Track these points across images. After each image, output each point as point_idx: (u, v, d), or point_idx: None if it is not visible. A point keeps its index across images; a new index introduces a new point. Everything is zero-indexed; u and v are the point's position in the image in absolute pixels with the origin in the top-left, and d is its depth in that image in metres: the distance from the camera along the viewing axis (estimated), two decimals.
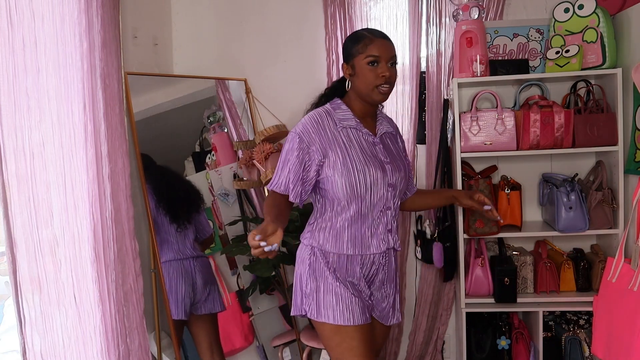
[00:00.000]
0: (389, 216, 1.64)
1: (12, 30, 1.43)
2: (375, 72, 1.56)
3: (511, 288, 2.28)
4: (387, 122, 1.76)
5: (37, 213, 1.52)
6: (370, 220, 1.62)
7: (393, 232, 1.67)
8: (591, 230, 2.24)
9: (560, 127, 2.20)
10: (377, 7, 2.60)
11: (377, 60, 1.57)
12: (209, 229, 2.48)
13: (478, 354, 2.42)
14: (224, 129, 2.64)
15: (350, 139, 1.60)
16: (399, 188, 1.67)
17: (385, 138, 1.71)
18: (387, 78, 1.57)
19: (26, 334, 1.49)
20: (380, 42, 1.58)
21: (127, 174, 1.91)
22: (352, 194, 1.57)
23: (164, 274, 2.24)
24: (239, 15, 2.73)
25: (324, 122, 1.61)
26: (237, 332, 2.52)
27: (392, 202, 1.64)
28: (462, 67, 2.32)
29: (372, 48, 1.57)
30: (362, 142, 1.62)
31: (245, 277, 2.60)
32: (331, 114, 1.62)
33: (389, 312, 1.73)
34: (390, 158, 1.66)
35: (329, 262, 1.61)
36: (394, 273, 1.74)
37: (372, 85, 1.57)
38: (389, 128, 1.74)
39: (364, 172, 1.57)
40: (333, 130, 1.60)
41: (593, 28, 2.20)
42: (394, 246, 1.68)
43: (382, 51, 1.57)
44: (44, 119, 1.55)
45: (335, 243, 1.61)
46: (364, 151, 1.60)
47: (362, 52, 1.57)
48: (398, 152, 1.74)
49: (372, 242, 1.63)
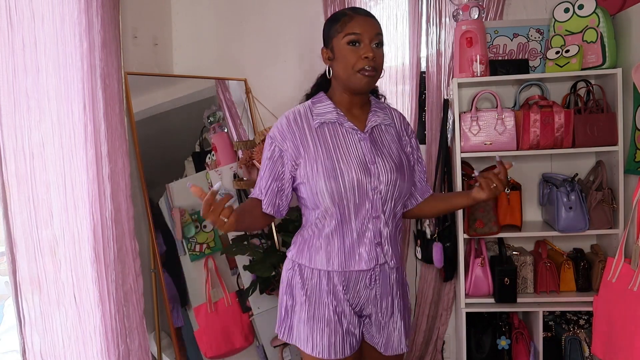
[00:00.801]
0: (378, 226, 1.38)
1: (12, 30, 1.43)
2: (356, 53, 1.33)
3: (511, 288, 2.28)
4: (385, 113, 1.48)
5: (37, 213, 1.52)
6: (354, 231, 1.37)
7: (386, 246, 1.41)
8: (591, 230, 2.24)
9: (560, 127, 2.20)
10: (377, 7, 2.60)
11: (358, 40, 1.33)
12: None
13: (478, 354, 2.42)
14: (224, 129, 2.64)
15: (327, 137, 1.38)
16: (395, 192, 1.40)
17: (376, 132, 1.44)
18: (371, 60, 1.33)
19: (26, 334, 1.49)
20: (361, 19, 1.35)
21: (127, 174, 1.91)
22: (327, 201, 1.35)
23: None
24: (239, 15, 2.73)
25: (298, 122, 1.41)
26: (237, 332, 2.52)
27: (381, 210, 1.38)
28: (462, 67, 2.31)
29: (352, 25, 1.34)
30: (341, 140, 1.38)
31: (245, 277, 2.59)
32: (310, 110, 1.42)
33: (388, 341, 1.47)
34: (380, 156, 1.39)
35: (306, 280, 1.41)
36: (395, 295, 1.47)
37: (353, 68, 1.34)
38: (385, 120, 1.46)
39: (340, 175, 1.33)
40: (309, 129, 1.39)
41: (593, 28, 2.20)
42: (388, 262, 1.41)
43: (364, 29, 1.33)
44: (44, 119, 1.55)
45: (315, 258, 1.40)
46: (342, 150, 1.37)
47: (341, 30, 1.35)
48: (396, 149, 1.45)
49: (356, 257, 1.38)
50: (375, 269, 1.41)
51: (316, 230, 1.42)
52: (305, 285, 1.42)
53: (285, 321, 1.47)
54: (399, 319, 1.47)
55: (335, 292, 1.40)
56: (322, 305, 1.40)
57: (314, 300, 1.41)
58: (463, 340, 2.38)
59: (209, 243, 2.49)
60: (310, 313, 1.40)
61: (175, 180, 2.43)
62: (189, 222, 2.43)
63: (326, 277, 1.40)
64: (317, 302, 1.40)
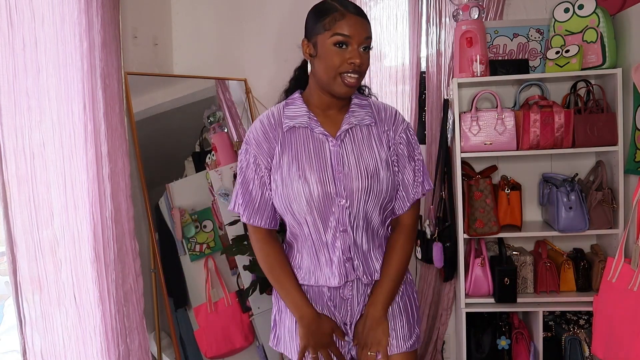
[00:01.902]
0: (347, 241, 1.28)
1: (12, 30, 1.43)
2: (342, 56, 1.22)
3: (511, 288, 2.28)
4: (365, 111, 1.34)
5: (37, 213, 1.52)
6: (323, 246, 1.29)
7: (356, 261, 1.30)
8: (591, 230, 2.24)
9: (560, 127, 2.20)
10: (377, 7, 2.60)
11: (346, 42, 1.21)
12: None
13: (478, 354, 2.42)
14: (224, 129, 2.64)
15: (294, 143, 1.29)
16: (367, 202, 1.27)
17: (351, 134, 1.31)
18: (357, 66, 1.22)
19: (26, 334, 1.49)
20: (353, 20, 1.22)
21: (127, 174, 1.91)
22: (289, 216, 1.28)
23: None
24: (239, 15, 2.73)
25: (270, 125, 1.32)
26: (237, 332, 2.52)
27: (349, 223, 1.27)
28: (462, 67, 2.31)
29: (342, 25, 1.21)
30: (309, 147, 1.28)
31: (245, 277, 2.59)
32: (282, 112, 1.33)
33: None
34: (348, 165, 1.27)
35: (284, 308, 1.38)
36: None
37: (336, 72, 1.23)
38: (363, 119, 1.32)
39: (302, 186, 1.24)
40: (280, 134, 1.30)
41: (593, 28, 2.20)
42: (360, 278, 1.31)
43: (355, 31, 1.21)
44: (44, 119, 1.55)
45: (296, 271, 1.34)
46: (307, 159, 1.27)
47: (329, 28, 1.22)
48: (374, 152, 1.30)
49: (325, 273, 1.30)
50: (349, 284, 1.32)
51: (292, 242, 1.37)
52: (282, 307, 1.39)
53: (274, 329, 1.44)
54: (401, 328, 1.38)
55: (323, 305, 1.35)
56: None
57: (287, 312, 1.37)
58: (463, 340, 2.38)
59: (209, 243, 2.49)
60: (291, 326, 1.37)
61: (175, 180, 2.43)
62: (189, 222, 2.43)
63: (311, 291, 1.35)
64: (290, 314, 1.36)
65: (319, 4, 1.29)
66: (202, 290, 2.43)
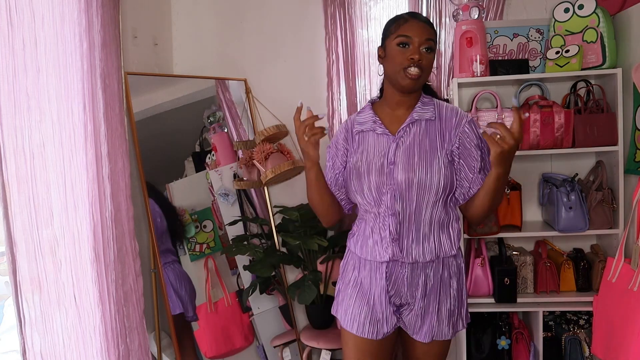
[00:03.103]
0: (394, 223, 1.48)
1: (12, 30, 1.43)
2: (404, 54, 1.44)
3: (511, 288, 2.28)
4: (428, 109, 1.52)
5: (37, 213, 1.52)
6: (377, 223, 1.52)
7: (406, 243, 1.49)
8: (591, 230, 2.24)
9: (560, 127, 2.20)
10: (377, 7, 2.60)
11: (408, 42, 1.44)
12: None
13: (478, 354, 2.42)
14: (224, 129, 2.64)
15: (362, 143, 1.56)
16: (414, 189, 1.46)
17: (411, 130, 1.50)
18: (416, 61, 1.42)
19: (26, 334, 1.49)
20: (415, 23, 1.45)
21: (127, 174, 1.91)
22: (361, 201, 1.54)
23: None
24: (239, 15, 2.73)
25: (348, 129, 1.61)
26: (237, 332, 2.52)
27: (399, 208, 1.47)
28: (462, 67, 2.32)
29: (405, 28, 1.44)
30: (372, 145, 1.53)
31: (245, 277, 2.59)
32: (354, 119, 1.60)
33: (424, 329, 1.55)
34: (404, 158, 1.47)
35: (353, 266, 1.60)
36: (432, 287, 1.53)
37: (400, 68, 1.44)
38: (424, 115, 1.51)
39: (364, 178, 1.50)
40: (352, 136, 1.59)
41: (593, 28, 2.20)
42: (404, 258, 1.49)
43: (416, 32, 1.43)
44: (44, 119, 1.55)
45: (357, 246, 1.59)
46: (370, 154, 1.52)
47: (394, 32, 1.46)
48: (431, 146, 1.48)
49: (376, 249, 1.52)
50: (398, 262, 1.51)
51: (360, 223, 1.61)
52: (353, 271, 1.60)
53: (336, 298, 1.66)
54: (435, 308, 1.54)
55: (378, 280, 1.54)
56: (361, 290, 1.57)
57: (355, 285, 1.59)
58: (463, 340, 2.38)
59: (209, 243, 2.49)
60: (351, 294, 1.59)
61: (175, 180, 2.43)
62: (189, 222, 2.43)
63: (369, 266, 1.56)
64: (360, 287, 1.57)
65: (393, 17, 1.54)
66: (202, 290, 2.43)
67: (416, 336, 1.57)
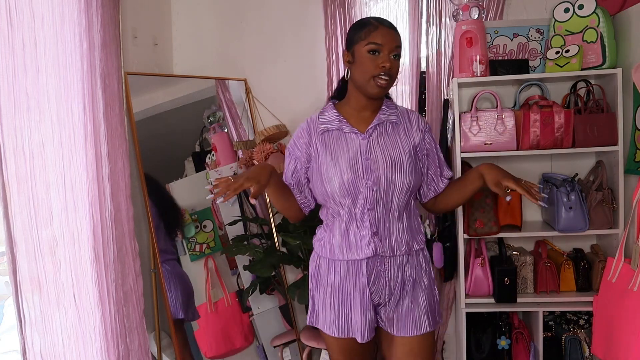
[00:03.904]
0: (374, 217, 1.51)
1: (12, 30, 1.43)
2: (375, 62, 1.46)
3: (511, 288, 2.28)
4: (392, 112, 1.59)
5: (37, 213, 1.52)
6: (354, 224, 1.53)
7: (385, 237, 1.53)
8: (591, 230, 2.24)
9: (560, 127, 2.20)
10: (377, 7, 2.60)
11: (378, 49, 1.46)
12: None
13: (478, 354, 2.42)
14: (224, 129, 2.64)
15: (329, 142, 1.55)
16: (390, 185, 1.51)
17: (379, 130, 1.56)
18: (387, 69, 1.46)
19: (26, 334, 1.49)
20: (385, 31, 1.47)
21: (127, 174, 1.91)
22: (331, 199, 1.52)
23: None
24: (239, 15, 2.73)
25: (311, 130, 1.59)
26: (237, 332, 2.52)
27: (375, 203, 1.50)
28: (462, 67, 2.31)
29: (375, 35, 1.46)
30: (342, 143, 1.54)
31: (245, 277, 2.59)
32: (317, 119, 1.59)
33: (403, 324, 1.57)
34: (375, 154, 1.52)
35: (327, 271, 1.58)
36: (407, 280, 1.57)
37: (370, 75, 1.47)
38: (391, 117, 1.58)
39: (336, 176, 1.50)
40: (316, 137, 1.57)
41: (593, 28, 2.20)
42: (386, 251, 1.52)
43: (386, 40, 1.46)
44: (44, 119, 1.55)
45: (332, 249, 1.56)
46: (339, 153, 1.52)
47: (364, 38, 1.47)
48: (400, 145, 1.55)
49: (356, 247, 1.53)
50: (379, 258, 1.52)
51: (328, 225, 1.60)
52: (321, 275, 1.60)
53: (313, 307, 1.64)
54: (412, 302, 1.57)
55: (352, 279, 1.54)
56: (335, 293, 1.56)
57: (328, 287, 1.57)
58: (463, 340, 2.38)
59: (209, 243, 2.49)
60: (326, 300, 1.58)
61: (175, 180, 2.43)
62: (189, 222, 2.43)
63: (333, 265, 1.56)
64: (333, 289, 1.57)
65: (358, 20, 1.58)
66: (202, 290, 2.43)
67: (399, 331, 1.57)
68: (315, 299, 1.62)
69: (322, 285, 1.59)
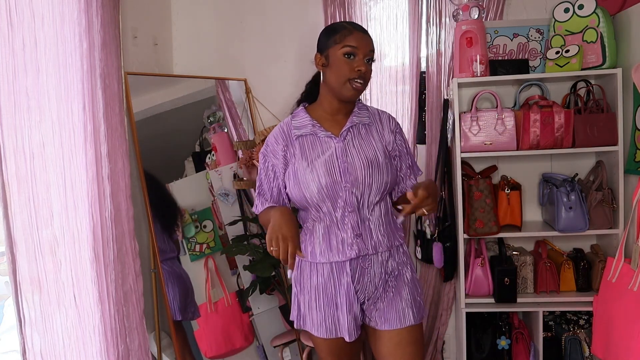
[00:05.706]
0: (355, 219, 1.50)
1: (12, 30, 1.43)
2: (350, 65, 1.46)
3: (511, 288, 2.28)
4: (365, 114, 1.60)
5: (37, 213, 1.52)
6: (335, 226, 1.52)
7: (367, 236, 1.53)
8: (591, 230, 2.24)
9: (560, 127, 2.20)
10: (377, 7, 2.60)
11: (354, 53, 1.46)
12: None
13: (478, 354, 2.42)
14: (224, 129, 2.64)
15: (304, 147, 1.53)
16: (369, 185, 1.51)
17: (353, 132, 1.55)
18: (362, 73, 1.46)
19: (26, 334, 1.49)
20: (359, 35, 1.48)
21: (127, 174, 1.91)
22: (310, 204, 1.51)
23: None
24: (239, 15, 2.73)
25: (284, 136, 1.57)
26: (237, 332, 2.52)
27: (356, 204, 1.50)
28: (462, 67, 2.32)
29: (350, 39, 1.46)
30: (317, 148, 1.52)
31: (245, 277, 2.59)
32: (290, 125, 1.57)
33: (387, 319, 1.58)
34: (351, 156, 1.51)
35: (310, 274, 1.56)
36: (390, 275, 1.58)
37: (345, 79, 1.46)
38: (364, 119, 1.58)
39: (313, 182, 1.48)
40: (290, 142, 1.55)
41: (593, 28, 2.20)
42: (369, 250, 1.53)
43: (361, 44, 1.47)
44: (44, 119, 1.55)
45: (314, 252, 1.55)
46: (315, 157, 1.51)
47: (340, 42, 1.47)
48: (374, 146, 1.56)
49: (339, 249, 1.52)
50: (361, 257, 1.52)
51: (308, 229, 1.58)
52: (304, 278, 1.58)
53: (297, 311, 1.63)
54: (395, 296, 1.58)
55: (336, 280, 1.54)
56: (319, 294, 1.56)
57: (313, 291, 1.56)
58: (463, 340, 2.38)
59: (209, 243, 2.49)
60: (310, 303, 1.57)
61: (175, 180, 2.43)
62: (189, 222, 2.43)
63: (316, 268, 1.55)
64: (316, 291, 1.56)
65: (330, 24, 1.58)
66: (202, 290, 2.43)
67: (384, 325, 1.57)
68: (301, 303, 1.61)
69: (306, 289, 1.58)
